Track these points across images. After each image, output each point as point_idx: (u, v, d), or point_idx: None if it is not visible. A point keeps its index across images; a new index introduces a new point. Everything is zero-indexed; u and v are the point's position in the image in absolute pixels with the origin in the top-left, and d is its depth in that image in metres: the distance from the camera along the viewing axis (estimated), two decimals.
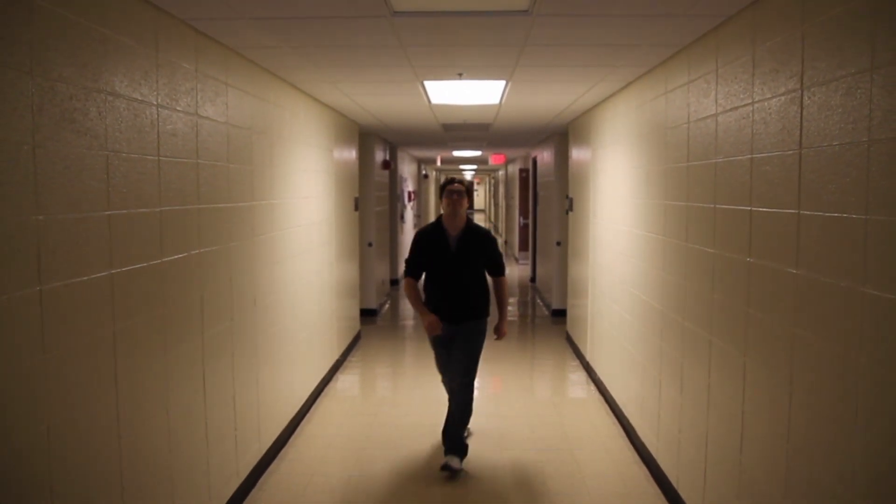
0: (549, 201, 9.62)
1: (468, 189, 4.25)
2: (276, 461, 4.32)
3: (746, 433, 2.78)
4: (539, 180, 11.11)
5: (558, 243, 8.92)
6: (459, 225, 4.18)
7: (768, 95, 2.58)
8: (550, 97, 5.49)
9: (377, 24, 3.02)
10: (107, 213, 2.39)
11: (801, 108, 2.33)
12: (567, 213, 8.06)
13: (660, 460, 3.99)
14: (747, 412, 2.77)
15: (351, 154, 7.49)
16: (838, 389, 2.10)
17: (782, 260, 2.46)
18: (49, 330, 2.06)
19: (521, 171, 14.77)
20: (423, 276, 4.27)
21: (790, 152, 2.40)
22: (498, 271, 4.31)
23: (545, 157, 10.16)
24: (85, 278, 2.25)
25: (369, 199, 8.91)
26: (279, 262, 4.50)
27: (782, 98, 2.46)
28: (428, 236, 4.21)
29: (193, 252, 3.11)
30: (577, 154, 7.30)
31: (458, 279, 4.15)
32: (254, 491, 3.89)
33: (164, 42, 2.82)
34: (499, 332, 4.39)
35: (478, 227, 4.26)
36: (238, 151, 3.69)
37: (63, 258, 2.13)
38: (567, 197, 8.00)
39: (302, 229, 5.14)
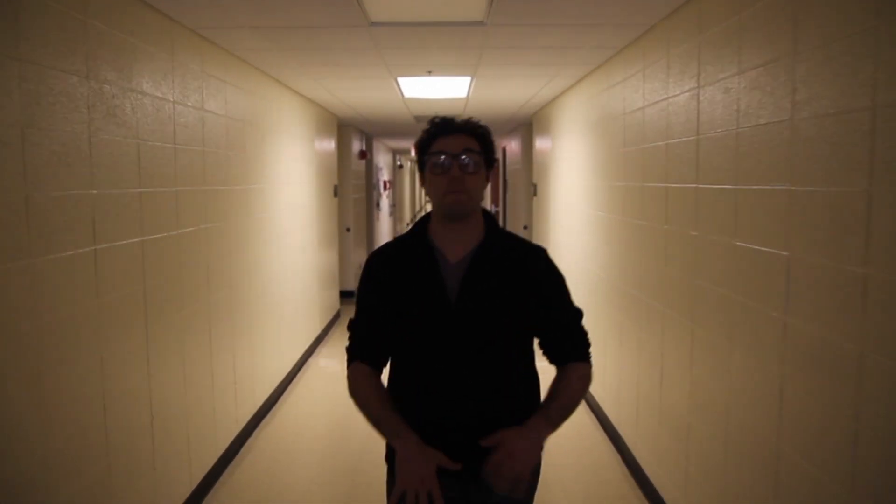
0: (516, 188, 10.22)
1: (485, 144, 1.75)
2: (268, 416, 4.87)
3: (666, 370, 3.40)
4: (508, 168, 11.70)
5: (525, 227, 9.52)
6: (471, 236, 1.78)
7: (677, 92, 3.17)
8: (512, 91, 6.07)
9: (357, 32, 3.57)
10: (138, 190, 2.91)
11: (698, 103, 2.93)
12: (532, 198, 8.66)
13: (606, 409, 4.60)
14: (666, 352, 3.39)
15: (330, 144, 8.01)
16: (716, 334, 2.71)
17: (686, 225, 3.06)
18: (101, 282, 2.60)
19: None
20: (391, 366, 1.86)
21: (691, 138, 3.00)
22: (572, 351, 1.82)
23: (513, 146, 10.75)
24: (124, 242, 2.78)
25: (347, 186, 9.43)
26: (269, 240, 5.03)
27: (686, 94, 3.06)
28: (394, 268, 1.80)
29: (201, 227, 3.64)
30: (539, 143, 7.90)
31: (469, 367, 1.72)
32: (249, 440, 4.44)
33: (177, 48, 3.34)
34: (506, 467, 1.56)
35: (515, 242, 1.83)
36: (234, 141, 4.22)
37: (110, 225, 2.66)
38: (532, 183, 8.60)
39: (287, 212, 5.67)
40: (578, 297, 5.37)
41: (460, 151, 1.69)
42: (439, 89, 5.92)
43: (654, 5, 3.12)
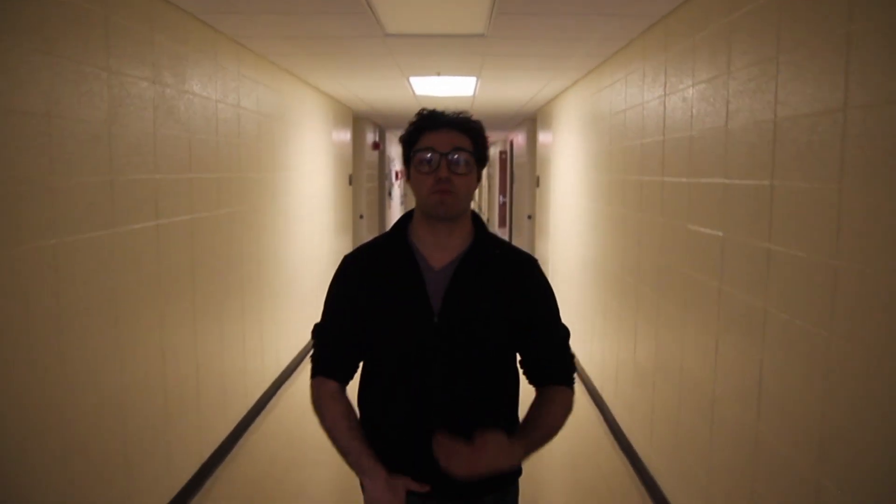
0: (522, 180, 10.73)
1: (477, 142, 1.59)
2: (289, 380, 5.43)
3: (639, 337, 3.92)
4: (515, 161, 12.20)
5: (529, 217, 10.04)
6: (457, 241, 1.63)
7: (650, 98, 3.68)
8: (514, 90, 6.57)
9: (374, 41, 4.09)
10: (189, 176, 3.46)
11: (664, 109, 3.43)
12: (536, 189, 9.18)
13: (591, 375, 5.13)
14: (639, 323, 3.91)
15: (346, 136, 8.55)
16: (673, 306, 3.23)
17: (655, 212, 3.57)
18: (161, 251, 3.14)
19: (500, 153, 15.86)
20: (361, 376, 1.71)
21: (659, 139, 3.51)
22: (556, 374, 1.68)
23: (519, 140, 11.25)
24: (178, 219, 3.33)
25: (361, 176, 9.97)
26: (291, 223, 5.58)
27: (656, 101, 3.57)
28: (371, 274, 1.63)
29: (236, 209, 4.18)
30: (542, 137, 8.41)
31: (449, 385, 1.58)
32: (273, 399, 5.00)
33: (219, 54, 3.87)
34: (464, 464, 1.42)
35: (505, 250, 1.69)
36: (264, 133, 4.76)
37: (168, 204, 3.21)
38: (536, 175, 9.11)
39: (307, 198, 6.21)
40: (573, 277, 5.93)
41: (449, 150, 1.52)
42: (448, 88, 6.43)
43: (631, 23, 3.62)
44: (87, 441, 2.53)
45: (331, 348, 1.65)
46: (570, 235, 6.20)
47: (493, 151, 18.35)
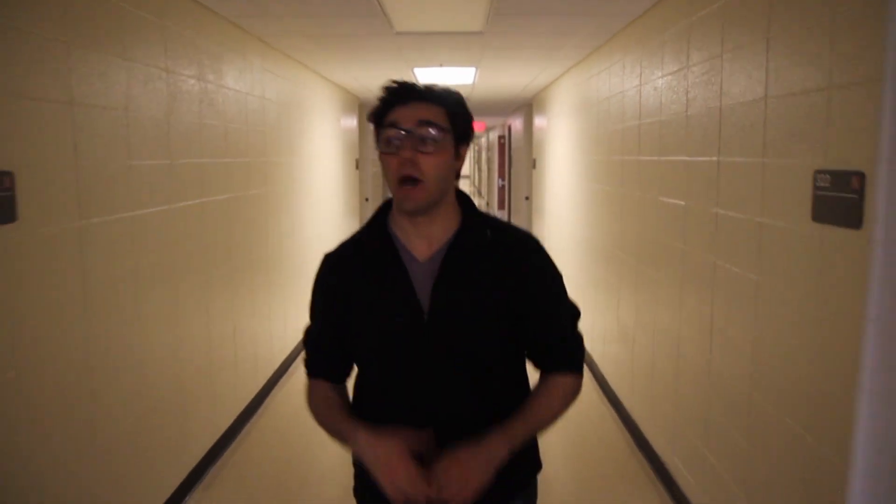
0: (520, 163, 11.22)
1: (454, 115, 1.43)
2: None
3: (622, 300, 4.44)
4: (513, 145, 12.68)
5: (526, 198, 10.53)
6: (441, 227, 1.46)
7: (629, 87, 4.17)
8: (511, 79, 7.06)
9: (384, 38, 4.58)
10: (225, 160, 3.96)
11: (640, 97, 3.93)
12: (532, 171, 9.68)
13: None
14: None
15: (352, 122, 9.03)
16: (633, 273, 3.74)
17: (635, 188, 4.08)
18: (205, 225, 3.65)
19: (499, 137, 16.33)
20: (353, 386, 1.60)
21: (636, 123, 4.00)
22: (563, 360, 1.51)
23: (517, 124, 11.72)
24: (219, 198, 3.83)
25: (366, 161, 10.46)
26: (306, 204, 6.08)
27: (633, 89, 4.06)
28: (352, 272, 1.49)
29: (261, 190, 4.69)
30: (538, 122, 8.90)
31: (446, 389, 1.43)
32: (294, 363, 5.54)
33: (248, 51, 4.36)
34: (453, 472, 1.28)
35: (500, 231, 1.49)
36: (283, 122, 5.25)
37: (211, 185, 3.71)
38: (532, 158, 9.60)
39: (319, 181, 6.71)
40: (567, 254, 6.46)
41: (415, 125, 1.34)
42: (449, 77, 6.92)
43: (612, 22, 4.10)
44: (156, 382, 3.06)
45: (320, 351, 1.55)
46: (564, 213, 6.70)
47: (493, 136, 18.83)
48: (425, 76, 6.73)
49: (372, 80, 7.17)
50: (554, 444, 4.20)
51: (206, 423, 3.69)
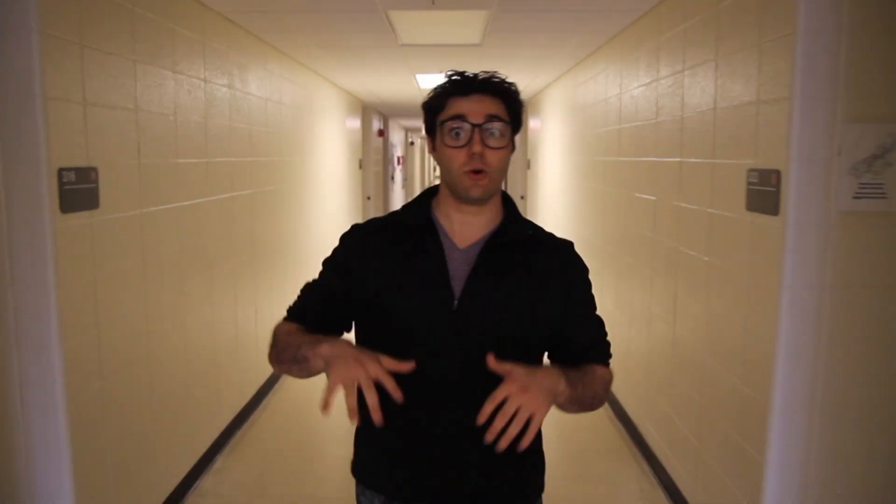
0: (515, 163, 11.69)
1: (513, 107, 1.46)
2: None
3: (604, 289, 4.92)
4: None
5: (522, 197, 11.01)
6: (486, 219, 1.48)
7: (611, 95, 4.65)
8: None
9: (390, 49, 5.06)
10: (250, 159, 4.42)
11: (620, 104, 4.40)
12: (527, 171, 10.16)
13: None
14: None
15: (356, 124, 9.50)
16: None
17: (616, 186, 4.55)
18: (233, 218, 4.12)
19: None
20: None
21: (617, 127, 4.48)
22: (598, 360, 1.51)
23: None
24: (245, 192, 4.30)
25: (368, 161, 10.93)
26: (314, 201, 6.55)
27: (615, 98, 4.54)
28: (384, 246, 1.48)
29: (278, 186, 5.15)
30: (533, 124, 9.38)
31: (468, 382, 1.38)
32: None
33: (267, 60, 4.83)
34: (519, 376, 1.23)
35: (539, 233, 1.54)
36: (295, 124, 5.72)
37: (238, 181, 4.18)
38: (527, 158, 10.08)
39: (326, 180, 7.18)
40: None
41: (483, 120, 1.37)
42: None
43: (595, 38, 4.58)
44: (196, 351, 3.53)
45: (311, 303, 1.55)
46: (557, 210, 7.18)
47: None
48: (427, 80, 7.21)
49: (375, 85, 7.65)
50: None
51: (235, 391, 4.15)
